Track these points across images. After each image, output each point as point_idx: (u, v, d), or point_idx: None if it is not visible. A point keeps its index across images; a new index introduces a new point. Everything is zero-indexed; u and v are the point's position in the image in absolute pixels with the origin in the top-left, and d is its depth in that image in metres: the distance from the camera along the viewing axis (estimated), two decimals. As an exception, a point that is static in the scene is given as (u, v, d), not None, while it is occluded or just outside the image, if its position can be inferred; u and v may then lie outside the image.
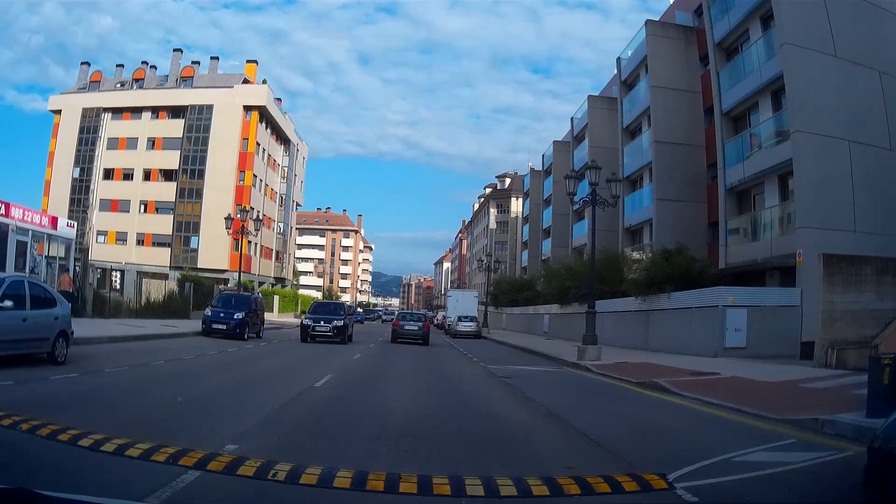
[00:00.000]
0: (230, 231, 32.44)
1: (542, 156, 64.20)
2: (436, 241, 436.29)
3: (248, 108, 58.62)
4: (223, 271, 54.35)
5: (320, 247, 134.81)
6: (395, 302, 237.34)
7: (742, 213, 28.88)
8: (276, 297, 55.32)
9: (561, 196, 56.28)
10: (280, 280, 67.53)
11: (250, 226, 33.96)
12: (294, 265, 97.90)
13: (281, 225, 66.65)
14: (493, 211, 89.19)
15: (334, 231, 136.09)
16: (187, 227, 57.21)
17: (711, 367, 16.18)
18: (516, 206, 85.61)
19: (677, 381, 13.22)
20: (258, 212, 59.39)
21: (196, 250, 56.41)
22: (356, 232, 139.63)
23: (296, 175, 71.10)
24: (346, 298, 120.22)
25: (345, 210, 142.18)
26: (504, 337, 36.99)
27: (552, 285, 35.22)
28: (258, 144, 59.37)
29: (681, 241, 27.90)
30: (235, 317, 23.29)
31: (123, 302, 28.48)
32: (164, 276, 55.53)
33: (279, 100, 69.10)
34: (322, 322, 24.22)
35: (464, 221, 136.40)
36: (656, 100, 35.36)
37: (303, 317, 28.92)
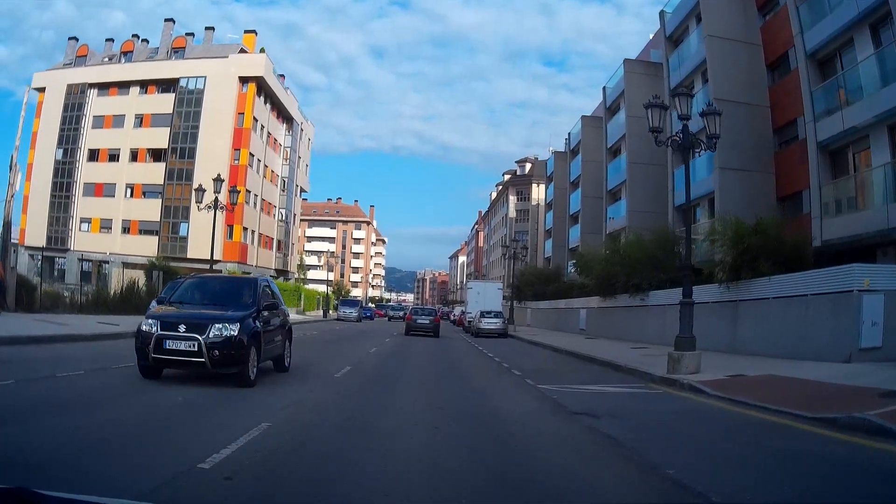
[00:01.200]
0: (200, 205, 26.70)
1: (568, 134, 57.96)
2: (451, 236, 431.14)
3: (244, 80, 52.84)
4: (216, 262, 48.62)
5: (331, 239, 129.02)
6: (410, 297, 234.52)
7: (837, 178, 22.83)
8: (274, 290, 49.56)
9: (592, 176, 50.21)
10: (283, 273, 61.81)
11: (230, 200, 28.11)
12: (301, 257, 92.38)
13: (283, 212, 60.84)
14: (512, 198, 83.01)
15: (345, 223, 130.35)
16: (176, 213, 51.62)
17: (878, 380, 10.21)
18: (537, 192, 79.40)
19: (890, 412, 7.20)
20: (255, 195, 53.67)
21: (185, 238, 50.78)
22: (368, 223, 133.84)
23: (300, 157, 65.28)
24: (357, 293, 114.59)
25: (356, 201, 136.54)
26: (535, 336, 30.99)
27: (593, 273, 29.13)
28: (255, 120, 53.58)
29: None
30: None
31: (61, 295, 22.72)
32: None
33: (282, 76, 63.39)
34: (183, 330, 9.28)
35: (480, 213, 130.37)
36: (713, 52, 29.25)
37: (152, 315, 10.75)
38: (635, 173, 39.59)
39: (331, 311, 59.66)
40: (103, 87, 58.55)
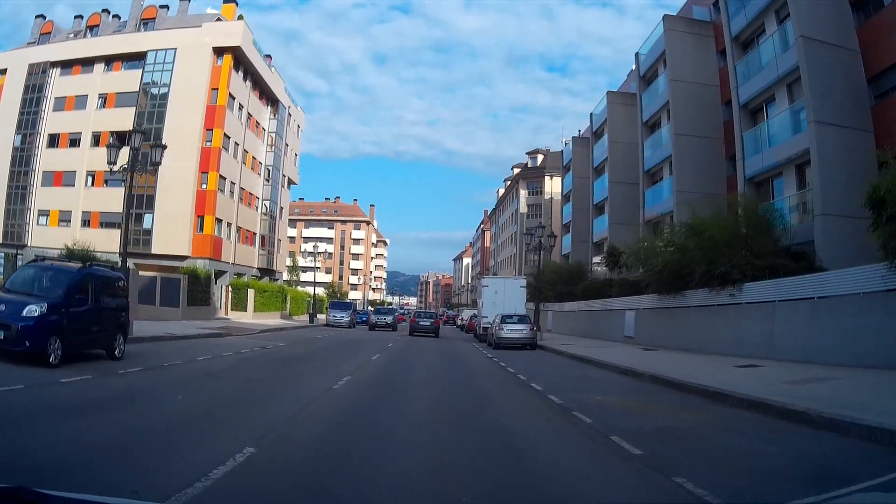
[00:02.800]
0: (113, 167, 19.87)
1: (591, 115, 51.00)
2: (455, 240, 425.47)
3: (219, 52, 45.99)
4: (183, 258, 41.83)
5: (329, 239, 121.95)
6: (413, 301, 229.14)
7: None
8: (252, 292, 42.51)
9: (622, 159, 43.25)
10: (268, 272, 54.80)
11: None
12: (295, 258, 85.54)
13: (267, 204, 53.74)
14: (523, 192, 75.93)
15: (344, 222, 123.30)
16: (140, 203, 44.62)
17: None
18: (550, 186, 72.46)
19: None
20: (232, 182, 46.77)
21: (150, 231, 43.86)
22: (368, 223, 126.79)
23: (287, 145, 58.32)
24: (356, 296, 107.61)
25: (355, 200, 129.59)
26: (570, 345, 23.89)
27: (651, 264, 22.02)
28: (233, 98, 46.71)
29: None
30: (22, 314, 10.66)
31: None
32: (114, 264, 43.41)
33: (269, 57, 56.52)
34: None
35: (486, 212, 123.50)
36: None
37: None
38: (682, 147, 32.64)
39: (322, 315, 52.57)
40: (66, 66, 51.89)
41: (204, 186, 43.43)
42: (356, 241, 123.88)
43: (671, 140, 33.04)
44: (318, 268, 67.50)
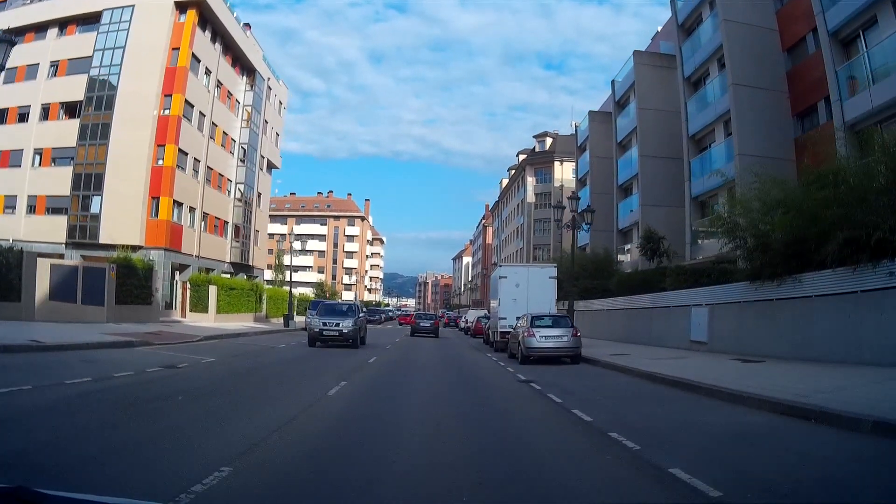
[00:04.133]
0: None
1: (612, 83, 44.41)
2: (454, 240, 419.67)
3: (181, 7, 39.43)
4: (136, 248, 35.17)
5: (321, 236, 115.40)
6: (412, 303, 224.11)
7: None
8: (213, 289, 35.61)
9: (658, 127, 36.71)
10: (244, 268, 48.02)
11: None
12: (280, 256, 78.90)
13: (242, 188, 46.93)
14: (530, 180, 69.22)
15: (337, 218, 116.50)
16: (88, 183, 38.11)
17: None
18: (561, 172, 65.98)
19: None
20: (196, 159, 40.14)
21: (98, 217, 37.23)
22: (363, 219, 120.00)
23: (267, 122, 51.57)
24: (350, 297, 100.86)
25: (349, 194, 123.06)
26: (626, 357, 17.17)
27: (756, 233, 15.08)
28: (197, 60, 40.09)
29: None
30: None
31: None
32: (59, 256, 36.82)
33: (247, 26, 49.92)
34: None
35: (487, 206, 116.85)
36: None
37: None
38: (742, 101, 26.16)
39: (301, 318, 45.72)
40: (19, 33, 44.90)
41: (160, 162, 36.78)
42: (350, 238, 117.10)
43: (729, 92, 26.52)
44: (296, 262, 60.72)
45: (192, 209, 39.45)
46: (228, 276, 43.43)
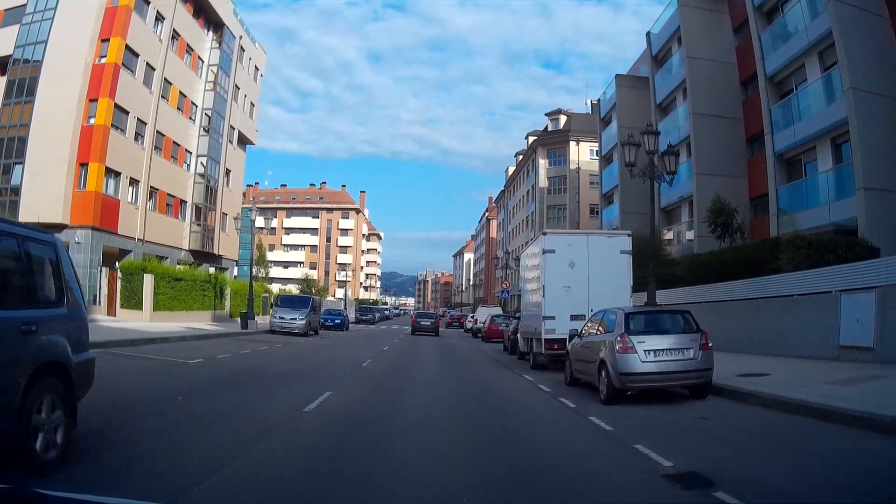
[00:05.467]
0: None
1: (648, 35, 37.04)
2: (453, 240, 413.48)
3: (125, -64, 32.04)
4: (61, 227, 27.86)
5: (313, 230, 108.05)
6: (411, 301, 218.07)
7: None
8: (149, 279, 27.97)
9: (713, 79, 29.32)
10: (208, 258, 40.58)
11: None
12: (263, 250, 71.49)
13: (205, 161, 39.43)
14: (542, 162, 61.85)
15: (330, 210, 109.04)
16: (10, 150, 30.77)
17: None
18: (577, 153, 58.73)
19: None
20: (141, 121, 32.73)
21: (18, 191, 29.91)
22: (358, 212, 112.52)
23: (238, 88, 44.16)
24: (343, 294, 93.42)
25: (343, 185, 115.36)
26: (760, 377, 9.95)
27: None
28: (146, 1, 32.71)
29: None
30: None
31: None
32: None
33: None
34: None
35: (490, 199, 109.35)
36: None
37: None
38: (845, 20, 18.96)
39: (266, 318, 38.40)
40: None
41: (92, 122, 29.44)
42: (344, 232, 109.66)
43: (830, 5, 19.25)
44: (285, 257, 53.44)
45: (134, 181, 32.04)
46: (187, 266, 36.06)
